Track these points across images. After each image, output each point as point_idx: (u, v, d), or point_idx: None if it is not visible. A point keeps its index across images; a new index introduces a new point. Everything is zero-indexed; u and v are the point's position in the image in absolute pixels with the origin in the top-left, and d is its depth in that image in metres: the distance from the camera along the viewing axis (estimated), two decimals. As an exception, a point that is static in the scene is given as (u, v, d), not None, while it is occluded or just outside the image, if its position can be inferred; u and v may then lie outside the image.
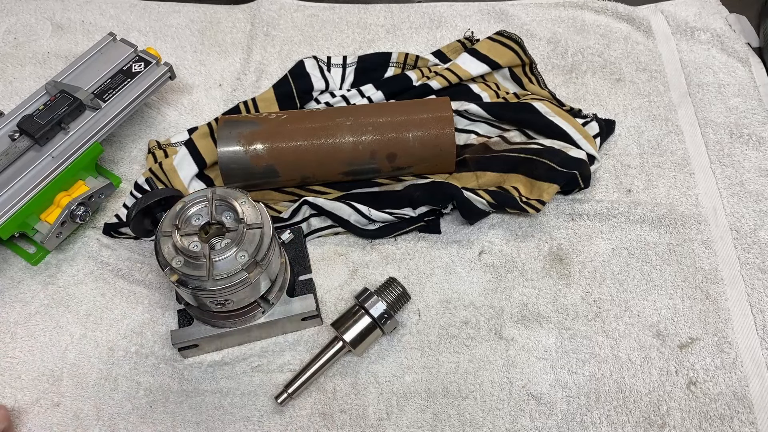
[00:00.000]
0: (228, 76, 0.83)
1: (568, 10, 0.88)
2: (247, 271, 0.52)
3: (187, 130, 0.76)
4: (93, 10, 0.89)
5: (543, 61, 0.83)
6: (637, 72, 0.82)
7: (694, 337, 0.62)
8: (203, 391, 0.60)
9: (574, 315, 0.64)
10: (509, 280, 0.66)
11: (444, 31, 0.87)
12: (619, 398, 0.59)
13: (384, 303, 0.60)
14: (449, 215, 0.70)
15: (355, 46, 0.85)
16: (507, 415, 0.59)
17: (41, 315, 0.64)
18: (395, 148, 0.67)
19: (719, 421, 0.58)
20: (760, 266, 0.66)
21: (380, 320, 0.60)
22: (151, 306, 0.65)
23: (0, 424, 0.55)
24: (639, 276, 0.66)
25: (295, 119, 0.68)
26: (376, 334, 0.61)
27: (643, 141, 0.76)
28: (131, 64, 0.73)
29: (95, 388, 0.61)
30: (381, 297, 0.61)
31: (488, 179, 0.70)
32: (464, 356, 0.62)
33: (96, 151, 0.69)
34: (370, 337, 0.60)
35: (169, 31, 0.87)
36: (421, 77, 0.77)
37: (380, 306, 0.60)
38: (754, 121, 0.77)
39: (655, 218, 0.69)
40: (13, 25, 0.87)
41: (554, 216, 0.70)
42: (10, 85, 0.81)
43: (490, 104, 0.73)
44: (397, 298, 0.62)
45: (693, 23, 0.86)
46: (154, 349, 0.63)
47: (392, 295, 0.62)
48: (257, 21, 0.87)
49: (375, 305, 0.60)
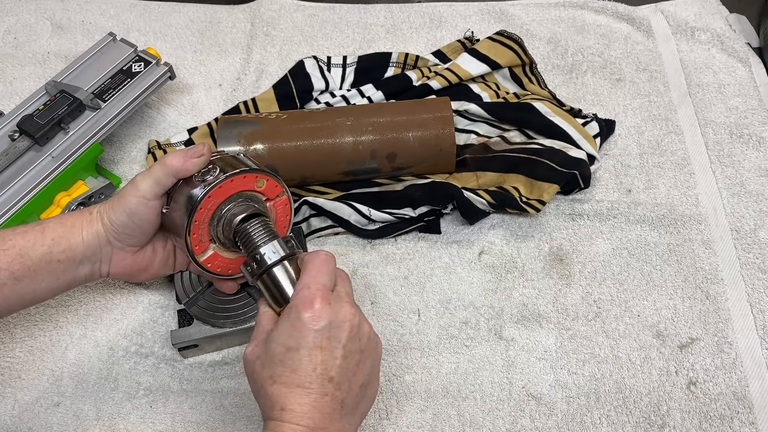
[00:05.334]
0: (228, 76, 0.83)
1: (568, 10, 0.88)
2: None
3: (187, 130, 0.76)
4: (93, 10, 0.89)
5: (543, 61, 0.83)
6: (637, 72, 0.82)
7: (694, 337, 0.62)
8: (203, 391, 0.60)
9: (574, 315, 0.64)
10: (509, 280, 0.66)
11: (444, 31, 0.87)
12: (619, 398, 0.59)
13: (271, 242, 0.48)
14: (449, 215, 0.70)
15: (355, 46, 0.85)
16: (507, 416, 0.59)
17: (41, 315, 0.64)
18: (395, 148, 0.67)
19: (719, 421, 0.58)
20: (760, 266, 0.66)
21: (284, 252, 0.48)
22: (151, 306, 0.65)
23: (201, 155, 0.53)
24: (639, 276, 0.66)
25: (295, 119, 0.69)
26: (296, 263, 0.49)
27: (643, 141, 0.76)
28: (131, 64, 0.73)
29: (95, 388, 0.61)
30: (256, 246, 0.48)
31: (488, 179, 0.70)
32: (464, 356, 0.62)
33: (96, 151, 0.69)
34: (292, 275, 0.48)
35: (169, 31, 0.87)
36: (421, 77, 0.77)
37: (271, 249, 0.48)
38: (754, 121, 0.76)
39: (655, 218, 0.69)
40: (13, 25, 0.87)
41: (554, 216, 0.70)
42: (10, 85, 0.81)
43: (490, 104, 0.73)
44: (262, 228, 0.49)
45: (693, 23, 0.86)
46: (154, 349, 0.63)
47: (257, 232, 0.49)
48: (257, 21, 0.87)
49: (264, 254, 0.47)
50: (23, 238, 0.49)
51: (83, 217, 0.51)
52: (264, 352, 0.44)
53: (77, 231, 0.50)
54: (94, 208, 0.52)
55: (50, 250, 0.49)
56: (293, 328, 0.43)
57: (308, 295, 0.44)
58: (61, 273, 0.50)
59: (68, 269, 0.51)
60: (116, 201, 0.51)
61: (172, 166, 0.49)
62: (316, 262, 0.46)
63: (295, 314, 0.43)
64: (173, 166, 0.49)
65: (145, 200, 0.50)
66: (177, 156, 0.49)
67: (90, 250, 0.51)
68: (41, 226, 0.50)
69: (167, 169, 0.49)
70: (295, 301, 0.44)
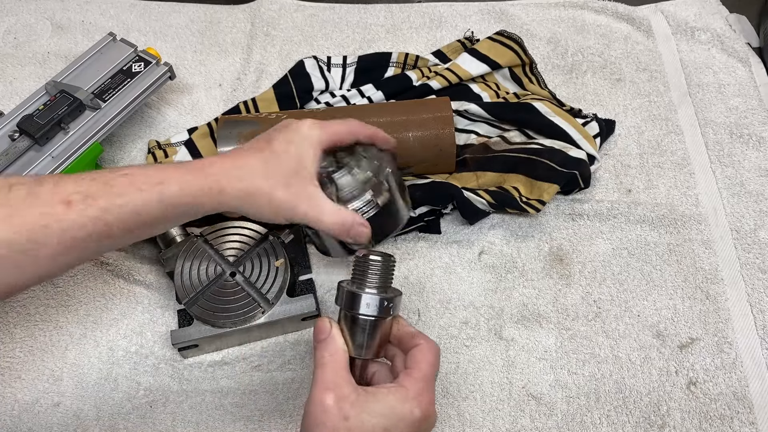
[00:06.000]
0: (228, 76, 0.83)
1: (568, 10, 0.88)
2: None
3: (187, 130, 0.76)
4: (93, 10, 0.89)
5: (543, 61, 0.83)
6: (637, 72, 0.82)
7: (694, 337, 0.62)
8: (203, 391, 0.60)
9: (574, 315, 0.64)
10: (509, 280, 0.66)
11: (444, 31, 0.87)
12: (619, 398, 0.59)
13: (370, 291, 0.46)
14: (449, 215, 0.70)
15: (355, 46, 0.85)
16: (507, 416, 0.59)
17: (41, 315, 0.64)
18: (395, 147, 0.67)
19: (719, 422, 0.58)
20: (760, 266, 0.66)
21: (376, 312, 0.46)
22: (151, 306, 0.65)
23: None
24: (639, 276, 0.66)
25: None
26: (385, 326, 0.48)
27: (643, 141, 0.76)
28: (131, 64, 0.73)
29: (95, 388, 0.61)
30: (361, 286, 0.47)
31: (488, 179, 0.70)
32: (464, 356, 0.62)
33: (96, 151, 0.69)
34: (376, 336, 0.47)
35: (169, 31, 0.87)
36: (421, 77, 0.77)
37: (373, 300, 0.46)
38: (754, 121, 0.76)
39: (655, 218, 0.69)
40: (13, 25, 0.87)
41: (554, 216, 0.70)
42: (10, 85, 0.81)
43: (490, 104, 0.73)
44: (383, 274, 0.47)
45: (693, 23, 0.86)
46: (154, 349, 0.63)
47: (375, 276, 0.47)
48: (257, 21, 0.87)
49: (365, 302, 0.46)
50: (140, 196, 0.44)
51: (203, 189, 0.46)
52: (355, 417, 0.42)
53: (198, 204, 0.46)
54: (218, 181, 0.46)
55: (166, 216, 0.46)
56: (401, 419, 0.43)
57: (427, 395, 0.44)
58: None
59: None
60: (248, 200, 0.47)
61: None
62: (435, 351, 0.46)
63: (408, 408, 0.43)
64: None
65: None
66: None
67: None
68: (160, 197, 0.45)
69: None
70: (413, 391, 0.43)
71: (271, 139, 0.50)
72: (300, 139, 0.49)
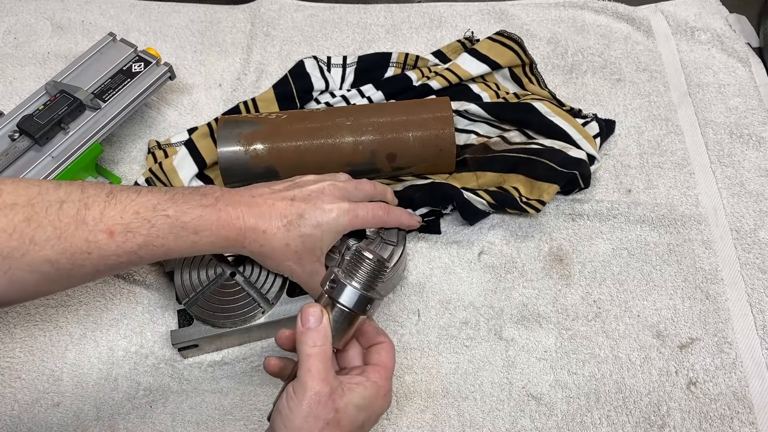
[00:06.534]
0: (228, 76, 0.83)
1: (568, 10, 0.88)
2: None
3: (187, 130, 0.76)
4: (93, 10, 0.89)
5: (543, 61, 0.83)
6: (637, 72, 0.82)
7: (694, 337, 0.62)
8: (203, 391, 0.60)
9: (574, 315, 0.64)
10: (509, 280, 0.66)
11: (444, 31, 0.87)
12: (619, 398, 0.59)
13: (357, 285, 0.48)
14: (449, 215, 0.70)
15: (355, 46, 0.85)
16: (507, 416, 0.59)
17: (40, 315, 0.64)
18: (395, 148, 0.67)
19: (719, 422, 0.58)
20: (760, 266, 0.66)
21: (357, 308, 0.48)
22: (150, 306, 0.65)
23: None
24: (639, 276, 0.66)
25: (295, 119, 0.68)
26: (359, 322, 0.49)
27: (643, 141, 0.76)
28: (131, 64, 0.73)
29: (95, 388, 0.61)
30: (351, 279, 0.48)
31: (488, 179, 0.70)
32: (464, 357, 0.62)
33: (96, 151, 0.69)
34: (351, 329, 0.49)
35: (169, 31, 0.87)
36: (421, 77, 0.77)
37: (352, 293, 0.47)
38: (754, 121, 0.76)
39: (655, 218, 0.69)
40: (13, 25, 0.87)
41: (554, 216, 0.70)
42: (10, 85, 0.81)
43: (490, 104, 0.73)
44: (370, 275, 0.48)
45: (693, 23, 0.86)
46: (153, 349, 0.63)
47: (364, 274, 0.48)
48: (257, 21, 0.87)
49: (346, 293, 0.47)
50: (175, 242, 0.49)
51: (229, 242, 0.52)
52: (343, 409, 0.44)
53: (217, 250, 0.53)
54: (243, 239, 0.52)
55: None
56: (374, 412, 0.47)
57: (390, 389, 0.49)
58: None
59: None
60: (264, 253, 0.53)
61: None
62: (394, 348, 0.50)
63: (380, 402, 0.47)
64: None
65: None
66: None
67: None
68: (194, 238, 0.50)
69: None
70: (384, 387, 0.47)
71: (302, 214, 0.53)
72: (328, 226, 0.54)
